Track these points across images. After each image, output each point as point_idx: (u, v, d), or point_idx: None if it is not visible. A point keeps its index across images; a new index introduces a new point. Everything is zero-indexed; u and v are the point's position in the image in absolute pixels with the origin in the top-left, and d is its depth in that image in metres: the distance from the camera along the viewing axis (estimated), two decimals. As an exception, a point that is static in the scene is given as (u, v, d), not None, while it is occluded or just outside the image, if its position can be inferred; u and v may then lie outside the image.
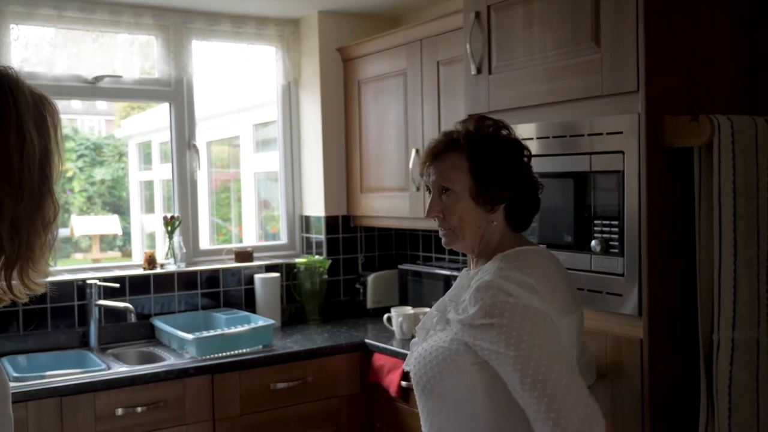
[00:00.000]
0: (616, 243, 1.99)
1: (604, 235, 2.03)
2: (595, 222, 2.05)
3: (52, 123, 1.19)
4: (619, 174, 1.97)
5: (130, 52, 3.52)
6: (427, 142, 3.18)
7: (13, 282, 1.16)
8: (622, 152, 1.96)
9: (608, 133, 1.99)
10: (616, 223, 1.99)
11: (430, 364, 1.63)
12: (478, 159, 1.63)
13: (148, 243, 7.21)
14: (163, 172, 7.24)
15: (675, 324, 1.97)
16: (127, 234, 7.24)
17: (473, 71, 2.40)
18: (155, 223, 7.36)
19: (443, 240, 1.74)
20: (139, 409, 2.79)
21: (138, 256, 6.60)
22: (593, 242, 2.04)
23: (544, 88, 2.18)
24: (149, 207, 7.27)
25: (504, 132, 1.70)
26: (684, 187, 1.95)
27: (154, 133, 7.24)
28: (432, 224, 3.32)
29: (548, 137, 2.16)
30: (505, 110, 2.30)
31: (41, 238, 1.16)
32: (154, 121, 7.09)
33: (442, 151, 1.68)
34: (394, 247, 4.04)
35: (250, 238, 5.40)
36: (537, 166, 2.13)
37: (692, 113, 1.90)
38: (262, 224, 5.45)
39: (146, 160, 7.60)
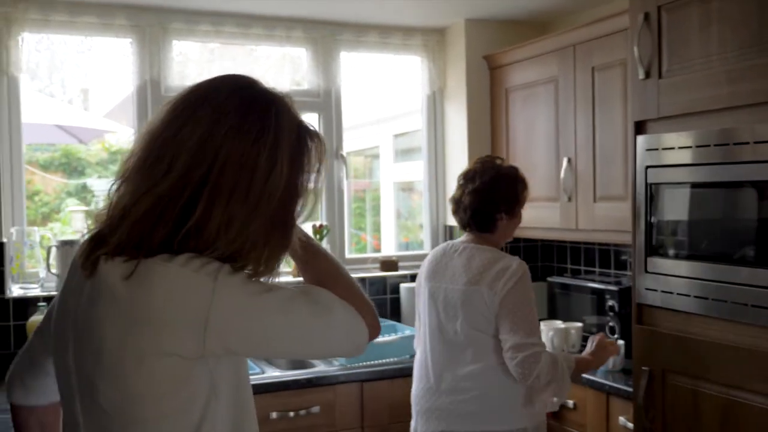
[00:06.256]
0: (809, 258, 1.83)
1: (794, 249, 1.87)
2: (783, 235, 1.90)
3: (310, 161, 1.16)
4: (814, 183, 1.82)
5: (282, 64, 3.62)
6: (582, 151, 3.11)
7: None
8: (818, 159, 1.80)
9: (800, 139, 1.84)
10: (809, 236, 1.83)
11: None
12: None
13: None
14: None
15: None
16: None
17: (641, 75, 2.29)
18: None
19: None
20: (291, 414, 2.84)
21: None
22: (781, 257, 1.88)
23: (724, 91, 2.04)
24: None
25: None
26: None
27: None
28: (583, 236, 3.25)
29: (728, 144, 2.02)
30: (677, 116, 2.18)
31: (262, 263, 1.12)
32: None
33: None
34: (540, 258, 3.93)
35: (389, 248, 5.41)
36: (712, 174, 2.01)
37: None
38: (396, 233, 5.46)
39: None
